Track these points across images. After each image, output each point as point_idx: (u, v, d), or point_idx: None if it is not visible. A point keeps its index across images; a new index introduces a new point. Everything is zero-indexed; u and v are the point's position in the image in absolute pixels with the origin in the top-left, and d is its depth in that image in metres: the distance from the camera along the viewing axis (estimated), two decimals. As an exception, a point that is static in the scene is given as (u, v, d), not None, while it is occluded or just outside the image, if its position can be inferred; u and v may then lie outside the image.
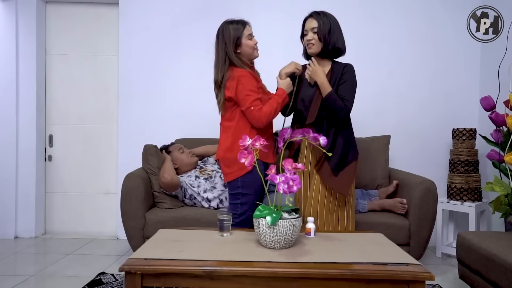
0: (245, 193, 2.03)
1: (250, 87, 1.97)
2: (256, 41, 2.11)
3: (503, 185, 2.41)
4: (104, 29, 3.34)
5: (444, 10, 3.16)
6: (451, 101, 3.17)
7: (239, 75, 1.99)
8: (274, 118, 2.02)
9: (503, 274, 1.65)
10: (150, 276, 1.42)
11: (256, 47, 2.10)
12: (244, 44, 2.05)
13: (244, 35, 2.06)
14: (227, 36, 2.04)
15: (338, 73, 2.01)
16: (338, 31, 2.06)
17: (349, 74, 2.02)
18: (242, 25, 2.07)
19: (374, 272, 1.40)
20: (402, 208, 2.43)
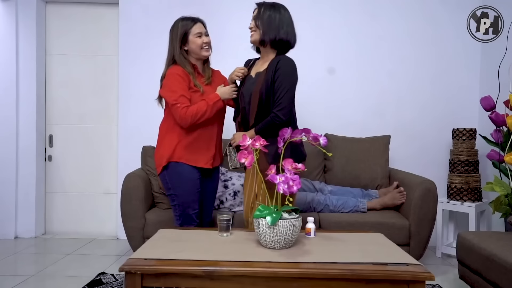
0: (176, 194, 2.03)
1: (176, 84, 1.97)
2: (207, 40, 2.07)
3: (503, 185, 2.41)
4: (104, 29, 3.34)
5: (444, 10, 3.16)
6: (451, 101, 3.17)
7: (169, 72, 2.01)
8: (201, 121, 1.97)
9: (503, 274, 1.65)
10: (150, 276, 1.42)
11: (204, 46, 2.04)
12: (190, 41, 2.03)
13: (192, 32, 2.03)
14: (175, 32, 2.06)
15: (272, 68, 1.87)
16: (283, 21, 1.93)
17: (281, 71, 1.85)
18: (192, 22, 2.06)
19: (374, 272, 1.40)
20: (402, 196, 2.44)
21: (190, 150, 2.00)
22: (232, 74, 2.02)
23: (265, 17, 1.91)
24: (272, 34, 1.90)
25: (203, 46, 2.04)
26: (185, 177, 2.00)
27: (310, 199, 2.49)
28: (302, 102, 3.19)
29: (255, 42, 1.98)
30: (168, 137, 2.03)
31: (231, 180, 2.58)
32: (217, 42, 3.19)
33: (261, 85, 1.88)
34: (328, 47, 3.19)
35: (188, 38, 2.03)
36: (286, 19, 1.96)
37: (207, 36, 2.09)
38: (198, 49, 2.04)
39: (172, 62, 2.05)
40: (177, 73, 1.99)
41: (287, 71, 1.87)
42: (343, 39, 3.19)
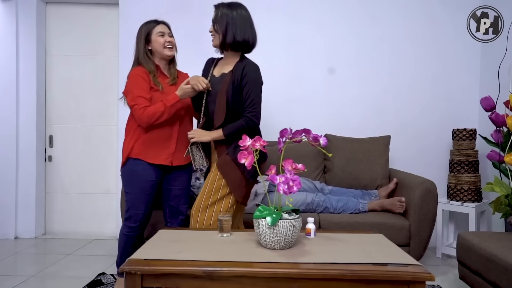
0: (126, 191, 2.06)
1: (135, 85, 2.00)
2: (170, 39, 2.10)
3: (503, 185, 2.41)
4: (104, 30, 3.34)
5: (444, 11, 3.16)
6: (451, 101, 3.17)
7: (130, 74, 2.05)
8: (159, 121, 1.97)
9: (503, 274, 1.65)
10: (150, 276, 1.42)
11: (167, 45, 2.08)
12: (153, 40, 2.08)
13: (154, 32, 2.08)
14: (139, 33, 2.11)
15: (238, 74, 1.92)
16: (241, 23, 1.95)
17: (249, 77, 1.91)
18: (155, 23, 2.12)
19: (374, 272, 1.40)
20: (401, 207, 2.43)
21: (148, 147, 2.02)
22: (194, 81, 1.96)
23: (223, 20, 1.93)
24: (230, 37, 1.92)
25: (165, 45, 2.08)
26: (137, 178, 2.02)
27: (310, 200, 2.49)
28: (302, 102, 3.20)
29: (217, 46, 2.01)
30: (129, 135, 2.07)
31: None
32: (217, 42, 3.20)
33: (227, 86, 1.91)
34: (328, 47, 3.19)
35: (151, 37, 2.08)
36: (243, 19, 1.96)
37: (171, 36, 2.13)
38: (160, 48, 2.07)
39: (137, 63, 2.09)
40: (138, 74, 2.02)
41: (254, 77, 1.93)
42: (343, 39, 3.19)
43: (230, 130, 1.92)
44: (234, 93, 1.90)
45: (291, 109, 3.18)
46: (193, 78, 1.99)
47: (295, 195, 2.44)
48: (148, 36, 2.09)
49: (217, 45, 2.00)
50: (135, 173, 2.02)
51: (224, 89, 1.91)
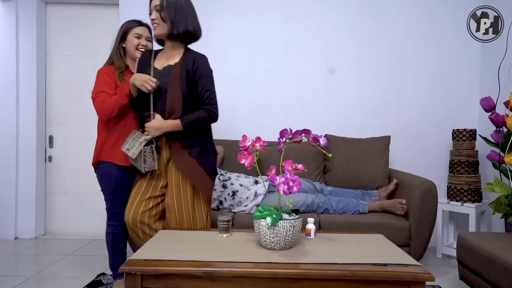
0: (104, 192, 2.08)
1: (100, 80, 2.02)
2: (145, 43, 2.08)
3: (503, 186, 2.41)
4: (104, 30, 3.34)
5: (444, 11, 3.16)
6: (451, 101, 3.17)
7: (98, 72, 2.07)
8: (116, 111, 1.95)
9: (503, 275, 1.65)
10: (150, 277, 1.42)
11: (139, 47, 2.07)
12: (128, 39, 2.07)
13: (132, 31, 2.07)
14: (119, 30, 2.11)
15: (189, 65, 1.84)
16: (189, 12, 1.88)
17: (202, 69, 1.86)
18: (137, 23, 2.11)
19: (374, 273, 1.40)
20: (401, 209, 2.43)
21: (115, 149, 2.00)
22: (140, 82, 1.84)
23: (171, 8, 1.81)
24: (181, 27, 1.84)
25: (138, 47, 2.06)
26: (111, 179, 2.02)
27: (310, 202, 2.49)
28: (302, 103, 3.20)
29: (162, 36, 1.88)
30: (98, 137, 2.08)
31: (230, 180, 2.58)
32: (218, 43, 3.21)
33: (180, 79, 1.82)
34: (328, 47, 3.19)
35: (127, 36, 2.07)
36: (190, 7, 1.90)
37: (148, 41, 2.10)
38: (133, 49, 2.06)
39: (110, 62, 2.10)
40: (104, 71, 2.04)
41: (207, 69, 1.88)
42: (343, 39, 3.19)
43: (189, 120, 1.83)
44: (188, 86, 1.84)
45: (291, 110, 3.18)
46: (138, 78, 1.84)
47: (295, 196, 2.44)
48: (125, 34, 2.08)
49: (161, 35, 1.87)
50: (109, 174, 2.02)
51: (176, 82, 1.82)
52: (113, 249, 2.09)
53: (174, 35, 1.85)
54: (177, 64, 1.85)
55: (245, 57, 3.21)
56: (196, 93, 1.87)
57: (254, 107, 3.19)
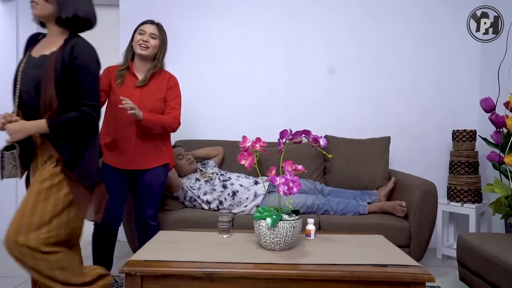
0: None
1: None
2: (147, 39, 2.06)
3: (503, 186, 2.40)
4: (104, 31, 3.32)
5: (444, 11, 3.16)
6: (451, 102, 3.18)
7: None
8: None
9: (503, 276, 1.65)
10: (150, 278, 1.42)
11: (141, 43, 2.05)
12: (134, 37, 2.11)
13: (138, 29, 2.09)
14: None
15: (67, 55, 1.51)
16: None
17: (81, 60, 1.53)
18: (146, 22, 2.12)
19: (374, 273, 1.41)
20: (401, 211, 2.43)
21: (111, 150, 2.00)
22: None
23: None
24: (70, 10, 1.55)
25: (139, 42, 2.05)
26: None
27: (310, 203, 2.49)
28: (302, 103, 3.20)
29: (42, 18, 1.56)
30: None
31: (230, 180, 2.58)
32: (218, 44, 3.21)
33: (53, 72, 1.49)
34: (328, 48, 3.19)
35: (134, 34, 2.10)
36: None
37: (153, 38, 2.08)
38: (135, 45, 2.08)
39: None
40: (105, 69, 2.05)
41: (86, 61, 1.56)
42: (343, 40, 3.19)
43: (56, 121, 1.48)
44: (65, 79, 1.50)
45: (291, 110, 3.18)
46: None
47: (296, 198, 2.44)
48: (134, 33, 2.11)
49: (41, 16, 1.55)
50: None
51: (51, 75, 1.48)
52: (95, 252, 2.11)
53: (63, 19, 1.55)
54: (53, 54, 1.52)
55: (245, 58, 3.21)
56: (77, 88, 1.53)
57: (254, 108, 3.19)
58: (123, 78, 2.04)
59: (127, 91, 2.02)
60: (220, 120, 3.19)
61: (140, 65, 2.11)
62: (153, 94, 2.09)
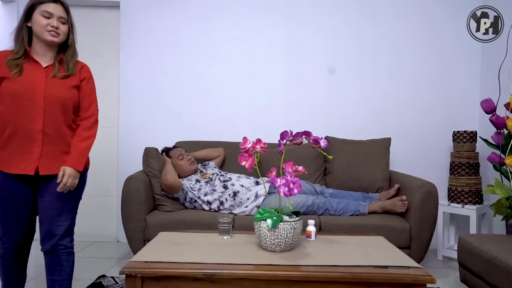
0: None
1: None
2: (57, 25, 1.65)
3: (504, 187, 2.40)
4: (105, 32, 3.34)
5: (444, 13, 3.17)
6: (452, 103, 3.17)
7: None
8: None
9: (504, 277, 1.64)
10: (150, 279, 1.42)
11: (50, 29, 1.63)
12: (34, 18, 1.64)
13: (40, 8, 1.63)
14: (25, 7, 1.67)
15: None
16: None
17: None
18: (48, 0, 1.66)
19: (375, 275, 1.40)
20: (403, 205, 2.42)
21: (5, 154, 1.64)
22: None
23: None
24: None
25: (49, 28, 1.63)
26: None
27: (311, 203, 2.49)
28: (303, 105, 3.20)
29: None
30: None
31: (231, 180, 2.58)
32: (218, 45, 3.21)
33: None
34: (329, 49, 3.20)
35: (32, 13, 1.64)
36: None
37: (62, 23, 1.68)
38: (42, 30, 1.63)
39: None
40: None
41: None
42: (343, 41, 3.19)
43: None
44: None
45: (291, 111, 3.18)
46: None
47: (296, 197, 2.44)
48: (30, 11, 1.64)
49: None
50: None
51: None
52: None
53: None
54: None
55: (246, 59, 3.21)
56: None
57: (254, 109, 3.19)
58: (20, 67, 1.62)
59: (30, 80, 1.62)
60: (220, 121, 3.20)
61: (42, 50, 1.69)
62: (64, 82, 1.71)
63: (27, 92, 1.60)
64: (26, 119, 1.61)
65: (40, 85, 1.63)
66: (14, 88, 1.60)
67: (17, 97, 1.59)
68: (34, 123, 1.62)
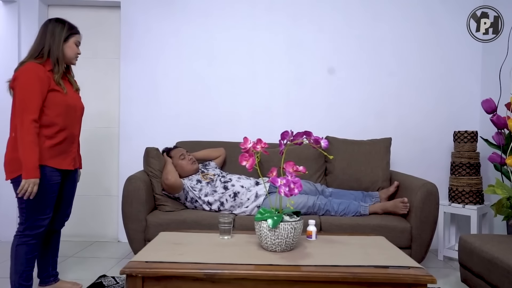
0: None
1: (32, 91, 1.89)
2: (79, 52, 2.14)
3: (505, 187, 2.40)
4: (105, 32, 3.34)
5: (445, 12, 3.17)
6: (453, 103, 3.17)
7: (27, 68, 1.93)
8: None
9: (505, 277, 1.64)
10: (151, 279, 1.42)
11: (77, 56, 2.11)
12: (68, 45, 2.05)
13: (74, 38, 2.09)
14: (59, 29, 2.03)
15: None
16: None
17: None
18: (77, 31, 2.14)
19: (376, 275, 1.40)
20: (404, 207, 2.42)
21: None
22: None
23: None
24: None
25: (77, 55, 2.09)
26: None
27: (311, 204, 2.48)
28: (304, 104, 3.20)
29: None
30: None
31: (231, 181, 2.58)
32: (219, 45, 3.21)
33: None
34: (329, 49, 3.20)
35: (68, 41, 2.02)
36: None
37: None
38: (73, 55, 2.05)
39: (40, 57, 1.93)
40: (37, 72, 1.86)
41: None
42: (344, 41, 3.19)
43: None
44: None
45: (292, 111, 3.18)
46: None
47: (297, 198, 2.44)
48: (67, 38, 2.01)
49: None
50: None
51: None
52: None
53: None
54: None
55: (246, 59, 3.21)
56: None
57: (255, 109, 3.19)
58: (63, 85, 1.97)
59: (71, 94, 2.04)
60: (221, 121, 3.20)
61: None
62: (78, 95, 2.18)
63: (73, 104, 2.04)
64: (72, 125, 2.05)
65: (76, 97, 2.11)
66: (65, 100, 1.98)
67: (68, 108, 1.99)
68: (75, 129, 2.09)
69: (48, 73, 1.91)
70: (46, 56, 1.94)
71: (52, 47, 1.95)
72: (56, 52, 1.95)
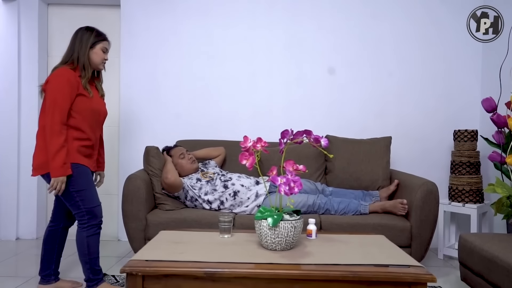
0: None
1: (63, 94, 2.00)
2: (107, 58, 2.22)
3: (505, 186, 2.40)
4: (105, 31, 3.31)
5: (445, 12, 3.16)
6: (453, 102, 3.17)
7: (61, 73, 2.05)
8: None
9: (505, 276, 1.64)
10: (151, 277, 1.42)
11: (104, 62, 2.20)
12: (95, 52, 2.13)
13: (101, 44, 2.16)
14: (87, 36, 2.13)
15: None
16: None
17: None
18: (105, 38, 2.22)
19: (376, 274, 1.40)
20: (403, 209, 2.42)
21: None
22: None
23: None
24: None
25: (103, 61, 2.16)
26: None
27: (311, 202, 2.49)
28: (304, 103, 3.20)
29: None
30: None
31: (231, 180, 2.58)
32: (219, 44, 3.21)
33: None
34: (330, 48, 3.19)
35: (95, 47, 2.10)
36: None
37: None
38: (99, 61, 2.13)
39: (70, 63, 2.04)
40: (69, 77, 1.97)
41: None
42: (344, 40, 3.19)
43: None
44: None
45: (292, 110, 3.18)
46: None
47: (297, 197, 2.44)
48: (94, 44, 2.10)
49: None
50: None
51: None
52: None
53: None
54: None
55: (246, 58, 3.21)
56: None
57: (255, 108, 3.19)
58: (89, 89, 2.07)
59: (96, 99, 2.12)
60: (221, 120, 3.20)
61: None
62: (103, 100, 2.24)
63: (97, 108, 2.10)
64: (95, 130, 2.12)
65: (101, 103, 2.17)
66: (92, 105, 2.05)
67: (93, 113, 2.07)
68: (98, 133, 2.16)
69: (78, 78, 2.02)
70: (76, 62, 2.04)
71: (80, 53, 2.05)
72: (82, 58, 2.05)
